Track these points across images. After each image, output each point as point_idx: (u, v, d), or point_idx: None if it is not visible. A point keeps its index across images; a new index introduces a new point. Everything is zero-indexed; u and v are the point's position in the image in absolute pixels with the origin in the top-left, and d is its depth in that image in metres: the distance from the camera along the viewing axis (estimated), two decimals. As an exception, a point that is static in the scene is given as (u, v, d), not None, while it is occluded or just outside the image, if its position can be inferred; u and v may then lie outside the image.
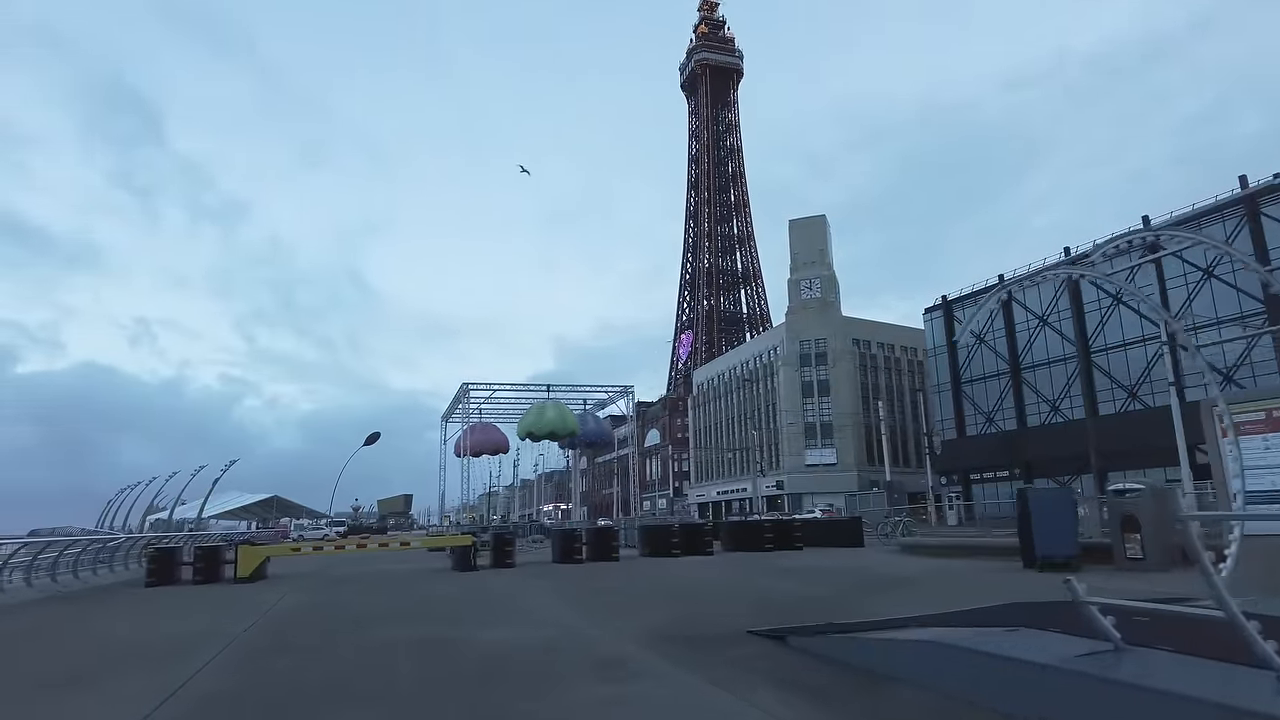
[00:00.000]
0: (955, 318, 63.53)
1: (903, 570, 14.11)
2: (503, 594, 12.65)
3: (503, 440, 31.84)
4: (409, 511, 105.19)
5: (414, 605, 11.26)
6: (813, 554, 19.14)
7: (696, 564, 17.23)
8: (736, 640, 7.42)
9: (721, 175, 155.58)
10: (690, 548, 19.42)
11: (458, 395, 28.38)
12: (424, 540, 19.24)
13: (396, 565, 20.51)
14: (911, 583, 11.76)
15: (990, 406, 59.97)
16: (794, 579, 13.21)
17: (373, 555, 22.55)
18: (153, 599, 13.61)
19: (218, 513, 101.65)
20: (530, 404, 29.18)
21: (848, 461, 79.49)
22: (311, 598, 12.93)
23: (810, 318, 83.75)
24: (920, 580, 12.11)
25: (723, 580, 13.65)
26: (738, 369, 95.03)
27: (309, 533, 79.47)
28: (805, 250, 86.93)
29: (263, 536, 67.11)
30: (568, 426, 26.72)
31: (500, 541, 18.39)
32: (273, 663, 7.15)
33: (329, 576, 17.75)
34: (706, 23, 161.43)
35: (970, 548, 16.21)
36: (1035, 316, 56.55)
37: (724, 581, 13.44)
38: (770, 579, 13.37)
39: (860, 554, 18.81)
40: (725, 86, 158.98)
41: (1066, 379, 54.15)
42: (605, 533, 19.35)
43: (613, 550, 18.68)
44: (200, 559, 16.47)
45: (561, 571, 16.64)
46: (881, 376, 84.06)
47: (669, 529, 19.81)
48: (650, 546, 20.10)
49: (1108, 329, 51.63)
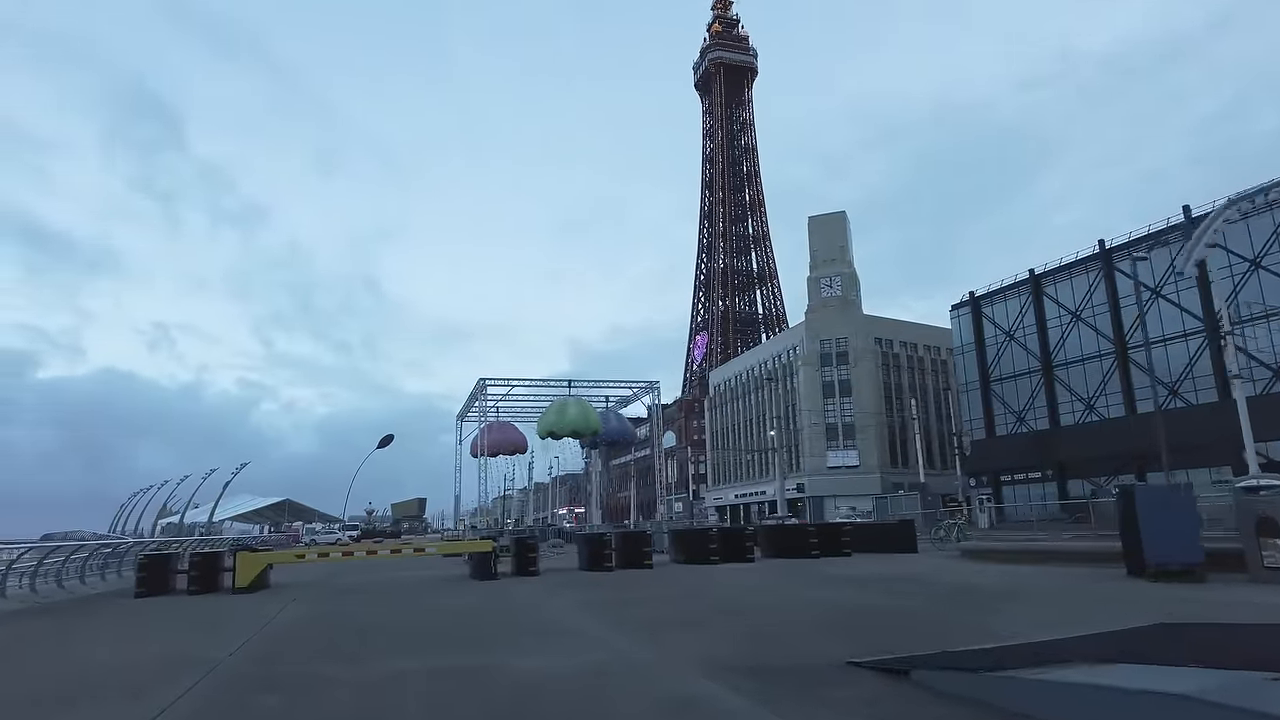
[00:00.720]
0: (984, 314, 61.51)
1: (984, 579, 12.46)
2: (530, 607, 11.12)
3: (520, 440, 30.36)
4: (423, 515, 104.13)
5: (431, 622, 9.73)
6: (866, 560, 17.50)
7: (740, 572, 15.62)
8: (834, 674, 5.84)
9: (736, 174, 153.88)
10: (730, 553, 17.80)
11: (474, 392, 26.91)
12: (440, 546, 17.67)
13: (410, 573, 19.05)
14: (1012, 595, 10.13)
15: (1021, 405, 57.93)
16: (862, 589, 11.61)
17: (384, 562, 21.08)
18: (137, 613, 12.17)
19: (230, 516, 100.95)
20: (550, 402, 27.67)
21: (871, 463, 77.52)
22: (314, 611, 11.44)
23: (831, 316, 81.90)
24: (1020, 592, 10.47)
25: (779, 591, 12.03)
26: (756, 369, 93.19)
27: (321, 537, 78.26)
28: (825, 247, 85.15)
29: (273, 541, 66.16)
30: (590, 425, 25.15)
31: (522, 547, 16.85)
32: (256, 702, 5.65)
33: (336, 586, 16.28)
34: (720, 21, 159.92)
35: (1045, 553, 14.50)
36: (1068, 311, 54.48)
37: (780, 592, 11.82)
38: (833, 590, 11.77)
39: (919, 560, 17.15)
40: (739, 85, 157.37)
41: (1102, 376, 52.08)
42: (637, 537, 17.75)
43: (645, 556, 17.09)
44: (196, 567, 15.04)
45: (591, 580, 15.08)
46: (904, 376, 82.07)
47: (706, 533, 18.18)
48: (685, 552, 18.50)
49: (1146, 324, 49.49)
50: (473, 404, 28.03)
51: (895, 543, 19.86)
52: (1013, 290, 59.15)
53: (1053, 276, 55.94)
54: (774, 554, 19.05)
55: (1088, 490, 52.67)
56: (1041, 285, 56.63)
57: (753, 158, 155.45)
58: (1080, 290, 53.80)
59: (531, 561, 16.54)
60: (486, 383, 25.40)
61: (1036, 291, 56.77)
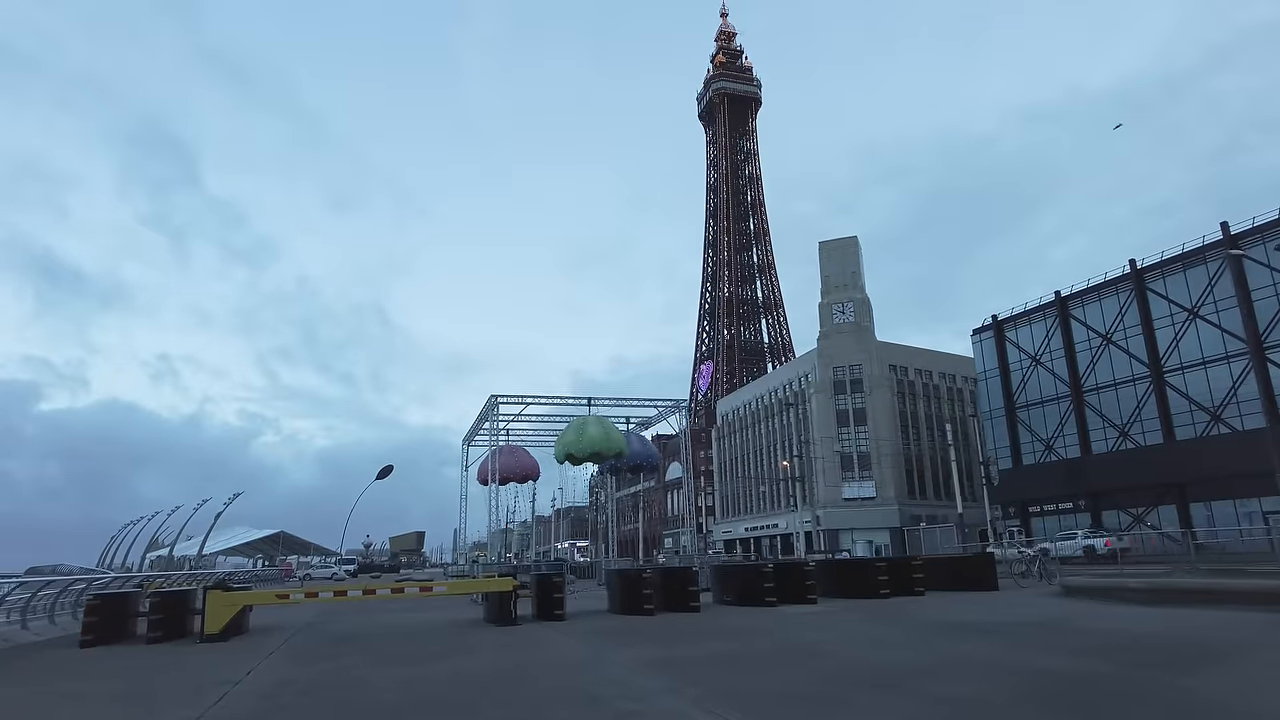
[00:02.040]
0: (1007, 338, 59.23)
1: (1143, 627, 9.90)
2: (580, 668, 8.54)
3: (533, 465, 27.79)
4: (421, 549, 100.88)
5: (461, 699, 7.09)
6: (951, 601, 14.87)
7: (813, 617, 13.00)
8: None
9: (740, 204, 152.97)
10: (788, 594, 15.18)
11: (483, 411, 24.40)
12: (452, 585, 14.96)
13: (414, 614, 16.40)
14: (1214, 652, 7.59)
15: (1049, 432, 55.38)
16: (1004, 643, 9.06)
17: (385, 602, 18.40)
18: (65, 671, 9.58)
19: (221, 549, 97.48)
20: (567, 421, 25.14)
21: (888, 494, 74.61)
22: (296, 673, 8.84)
23: (844, 342, 79.61)
24: (1219, 648, 7.93)
25: (896, 646, 9.40)
26: (766, 397, 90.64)
27: (317, 571, 75.01)
28: (837, 273, 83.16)
29: (266, 575, 62.87)
30: (613, 445, 22.60)
31: (547, 587, 14.23)
32: None
33: (328, 632, 13.66)
34: (724, 52, 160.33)
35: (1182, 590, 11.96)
36: (1098, 334, 52.17)
37: (902, 648, 9.19)
38: (967, 644, 9.21)
39: (1017, 600, 14.53)
40: (744, 115, 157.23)
41: (1136, 401, 49.60)
42: (681, 575, 15.08)
43: (691, 598, 14.44)
44: (158, 609, 12.43)
45: (632, 628, 12.48)
46: (920, 404, 79.55)
47: (759, 570, 15.50)
48: (734, 592, 15.86)
49: (1183, 346, 47.19)
50: (482, 424, 25.51)
51: (972, 579, 17.23)
52: (1037, 313, 56.96)
53: (1080, 298, 53.76)
54: (837, 593, 16.43)
55: (1125, 522, 49.93)
56: (1068, 307, 54.40)
57: (757, 187, 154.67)
58: (1110, 312, 51.58)
59: (557, 604, 13.92)
60: (499, 400, 22.92)
61: (1063, 314, 54.55)
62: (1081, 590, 13.74)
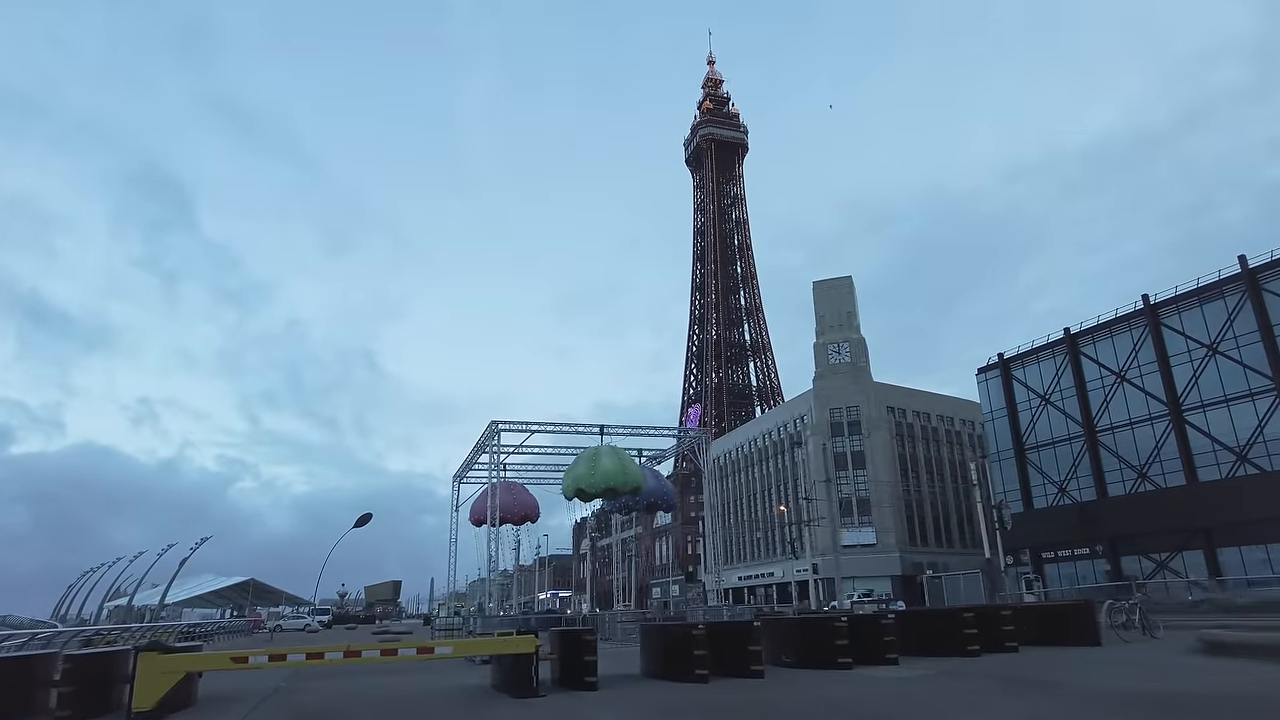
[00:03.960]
0: (1014, 377, 57.39)
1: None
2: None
3: (532, 504, 24.89)
4: (398, 599, 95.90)
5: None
6: (1056, 660, 12.26)
7: (919, 687, 10.28)
8: None
9: (728, 247, 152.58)
10: (864, 653, 12.49)
11: (481, 441, 21.64)
12: (460, 646, 11.88)
13: (405, 678, 13.47)
14: None
15: (1062, 474, 53.16)
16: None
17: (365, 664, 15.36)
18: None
19: (185, 599, 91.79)
20: (574, 454, 22.42)
21: (888, 541, 71.82)
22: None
23: (840, 383, 77.60)
24: None
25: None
26: (759, 440, 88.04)
27: (289, 622, 70.13)
28: (831, 313, 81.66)
29: (236, 627, 58.31)
30: (630, 480, 19.88)
31: (573, 645, 11.40)
32: None
33: (296, 707, 10.74)
34: (711, 99, 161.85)
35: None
36: (1111, 372, 50.43)
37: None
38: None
39: (1146, 659, 11.94)
40: (730, 160, 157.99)
41: (1155, 441, 47.61)
42: (737, 632, 12.26)
43: (752, 659, 11.65)
44: (72, 678, 9.51)
45: (693, 703, 9.70)
46: (920, 447, 77.38)
47: (830, 625, 12.72)
48: (794, 651, 13.08)
49: (1203, 383, 45.47)
50: (478, 456, 22.70)
51: (1068, 632, 14.62)
52: (1045, 351, 55.28)
53: (1091, 335, 52.16)
54: (918, 650, 13.70)
55: (1147, 568, 47.50)
56: (1078, 344, 52.75)
57: (744, 231, 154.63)
58: (1124, 349, 49.95)
59: (588, 668, 11.07)
60: (501, 427, 20.20)
61: (1073, 352, 52.87)
62: (1234, 647, 11.20)
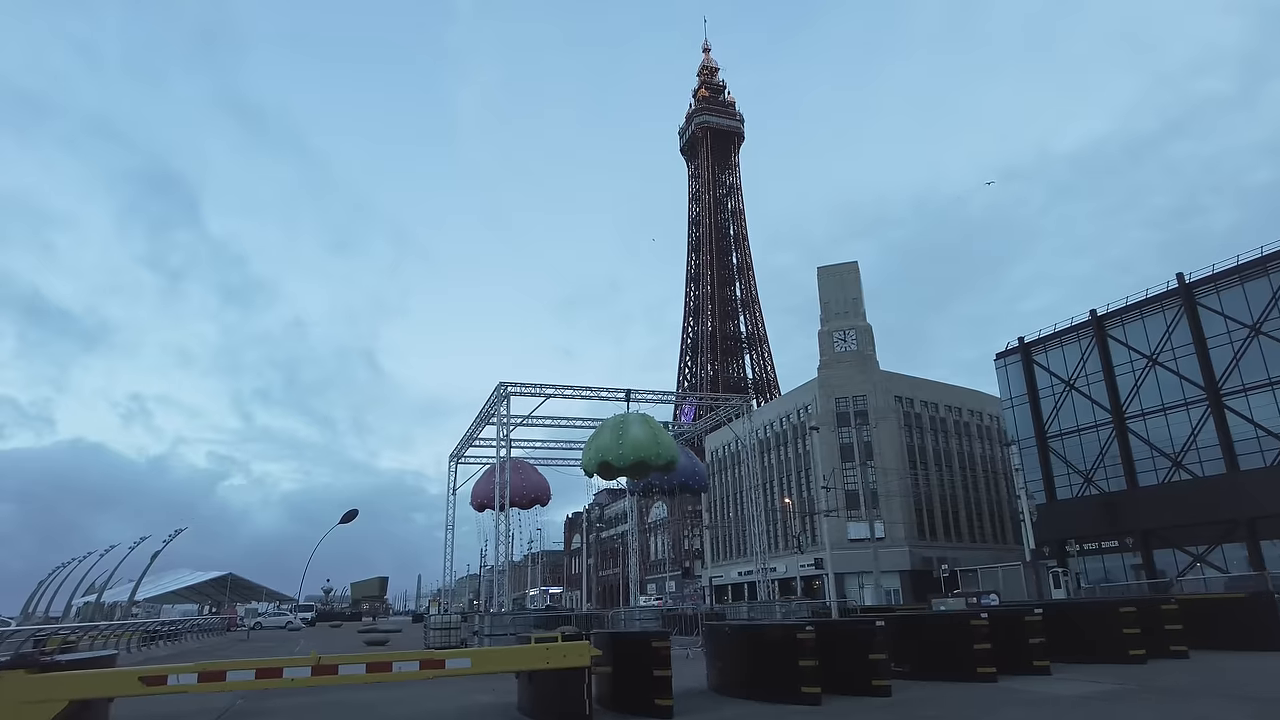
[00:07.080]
0: (1036, 363, 54.66)
1: None
2: None
3: (543, 486, 21.77)
4: (384, 596, 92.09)
5: None
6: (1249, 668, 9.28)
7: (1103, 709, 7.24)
8: None
9: (723, 237, 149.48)
10: (1006, 660, 9.43)
11: (484, 410, 18.38)
12: (480, 658, 8.29)
13: (398, 692, 10.30)
14: None
15: (1088, 463, 50.48)
16: None
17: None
18: None
19: (158, 594, 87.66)
20: (592, 427, 19.22)
21: (897, 535, 68.91)
22: None
23: (846, 372, 74.78)
24: None
25: None
26: (761, 431, 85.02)
27: (269, 619, 66.42)
28: (837, 300, 78.80)
29: (209, 625, 54.53)
30: (663, 453, 16.67)
31: (639, 655, 8.30)
32: None
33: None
34: (706, 86, 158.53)
35: None
36: (1142, 355, 47.75)
37: None
38: None
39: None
40: (726, 150, 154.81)
41: (1191, 428, 44.99)
42: (853, 635, 9.22)
43: (874, 672, 8.60)
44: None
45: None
46: (929, 438, 74.62)
47: (965, 624, 9.70)
48: (912, 657, 10.03)
49: (1244, 366, 42.86)
50: (480, 430, 19.43)
51: (1241, 633, 11.66)
52: (1070, 334, 52.57)
53: (1119, 317, 49.47)
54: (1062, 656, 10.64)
55: (1183, 562, 44.91)
56: (1106, 327, 50.05)
57: (740, 221, 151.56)
58: (1155, 331, 47.29)
59: (659, 686, 7.94)
60: (510, 391, 16.94)
61: (1100, 335, 50.16)
62: None
